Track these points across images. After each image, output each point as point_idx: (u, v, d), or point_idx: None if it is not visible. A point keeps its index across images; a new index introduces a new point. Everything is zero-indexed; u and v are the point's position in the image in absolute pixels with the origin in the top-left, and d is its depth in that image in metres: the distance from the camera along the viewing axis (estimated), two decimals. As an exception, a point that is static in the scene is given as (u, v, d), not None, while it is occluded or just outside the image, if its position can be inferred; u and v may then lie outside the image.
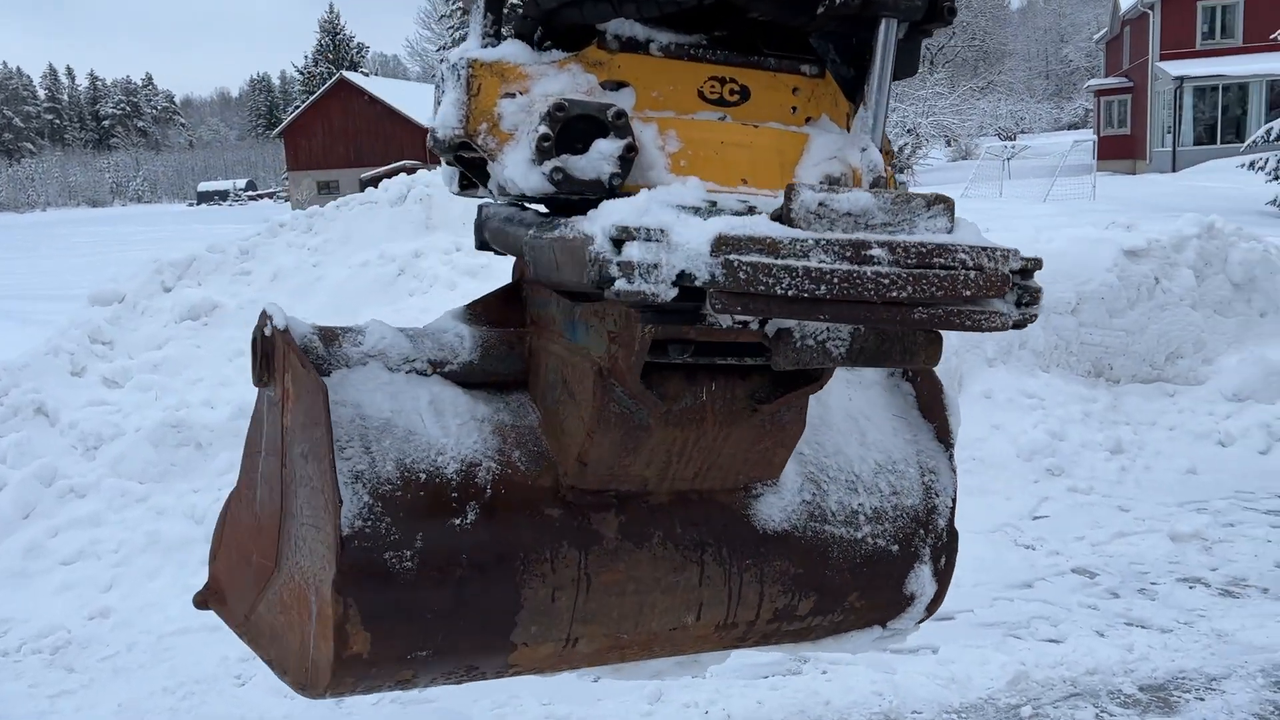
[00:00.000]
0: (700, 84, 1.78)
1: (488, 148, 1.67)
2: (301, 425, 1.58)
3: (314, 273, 7.82)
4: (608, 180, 1.61)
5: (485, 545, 1.63)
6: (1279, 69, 35.07)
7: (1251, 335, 7.54)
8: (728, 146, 1.77)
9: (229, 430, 6.23)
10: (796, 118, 1.85)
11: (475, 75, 1.67)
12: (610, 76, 1.73)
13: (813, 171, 1.83)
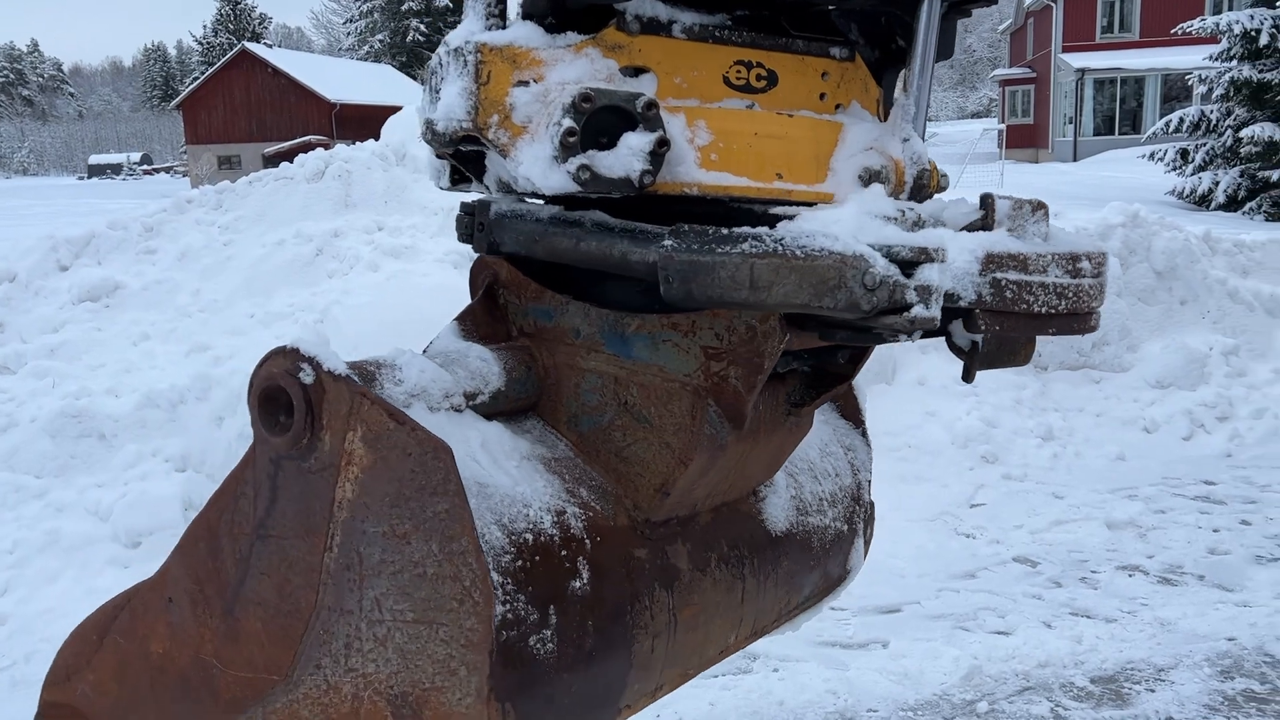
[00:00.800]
0: (726, 69, 1.60)
1: (499, 142, 1.46)
2: (390, 498, 1.28)
3: (225, 252, 7.40)
4: (638, 178, 1.42)
5: (603, 604, 1.42)
6: (1174, 63, 36.33)
7: (1173, 323, 7.68)
8: (761, 138, 1.59)
9: (135, 421, 5.83)
10: (826, 104, 1.69)
11: (485, 61, 1.45)
12: (630, 61, 1.54)
13: (849, 164, 1.66)
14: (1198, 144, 23.62)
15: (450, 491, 1.23)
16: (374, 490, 1.29)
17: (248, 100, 60.67)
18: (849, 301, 1.27)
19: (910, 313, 1.25)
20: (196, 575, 1.43)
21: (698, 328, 1.50)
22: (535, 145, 1.45)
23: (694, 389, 1.50)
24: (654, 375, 1.53)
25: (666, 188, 1.49)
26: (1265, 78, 21.49)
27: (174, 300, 6.99)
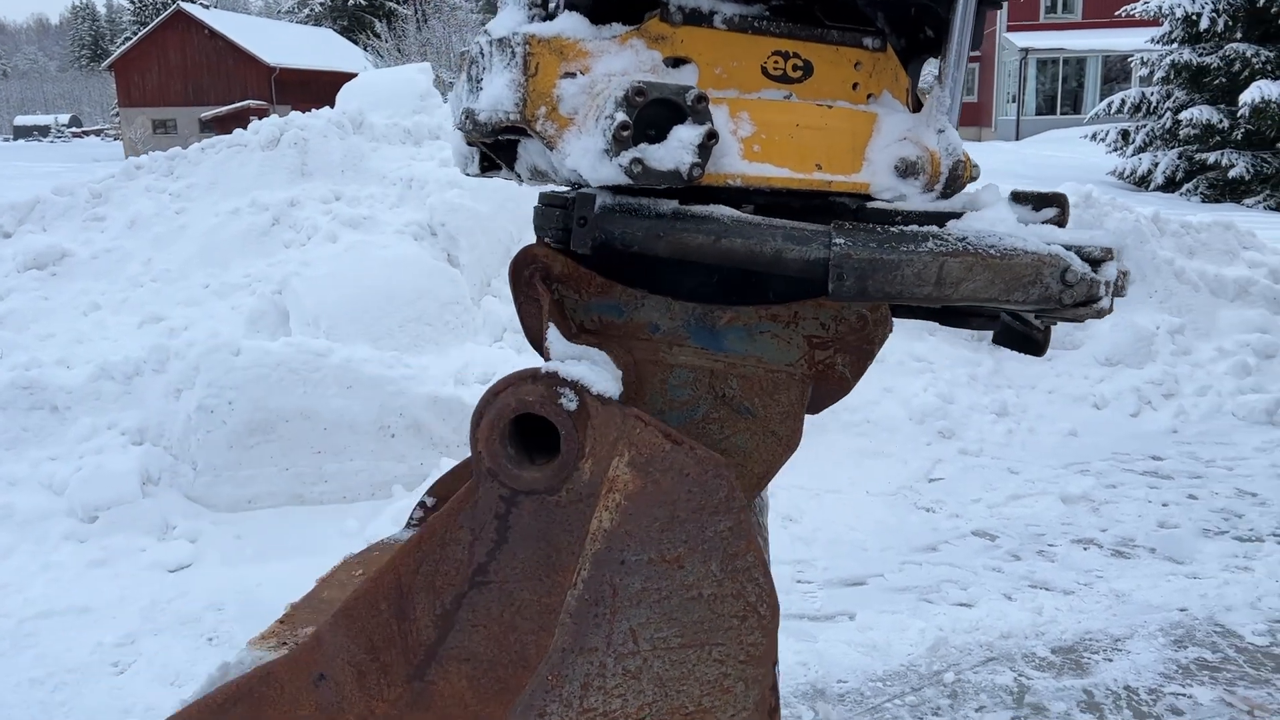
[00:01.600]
0: (764, 59, 1.62)
1: (546, 133, 1.46)
2: (660, 522, 1.23)
3: (177, 220, 7.22)
4: (688, 171, 1.43)
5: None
6: (1115, 45, 36.96)
7: (1121, 302, 7.84)
8: (802, 129, 1.61)
9: (89, 393, 5.69)
10: (858, 94, 1.71)
11: (533, 53, 1.45)
12: (673, 52, 1.55)
13: (884, 154, 1.68)
14: (1138, 125, 24.12)
15: (735, 509, 1.21)
16: (639, 516, 1.24)
17: (183, 62, 59.03)
18: (1043, 296, 1.43)
19: (1099, 304, 1.46)
20: (371, 642, 1.30)
21: (800, 318, 1.54)
22: (584, 137, 1.45)
23: (800, 378, 1.52)
24: (754, 366, 1.55)
25: (711, 179, 1.51)
26: (1204, 61, 21.97)
27: (125, 269, 6.82)
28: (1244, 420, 6.97)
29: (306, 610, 1.72)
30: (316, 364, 5.60)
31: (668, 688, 1.25)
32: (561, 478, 1.30)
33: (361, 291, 6.40)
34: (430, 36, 52.21)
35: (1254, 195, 21.11)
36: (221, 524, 5.28)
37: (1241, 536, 5.20)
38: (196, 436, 5.43)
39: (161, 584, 4.80)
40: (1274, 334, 7.67)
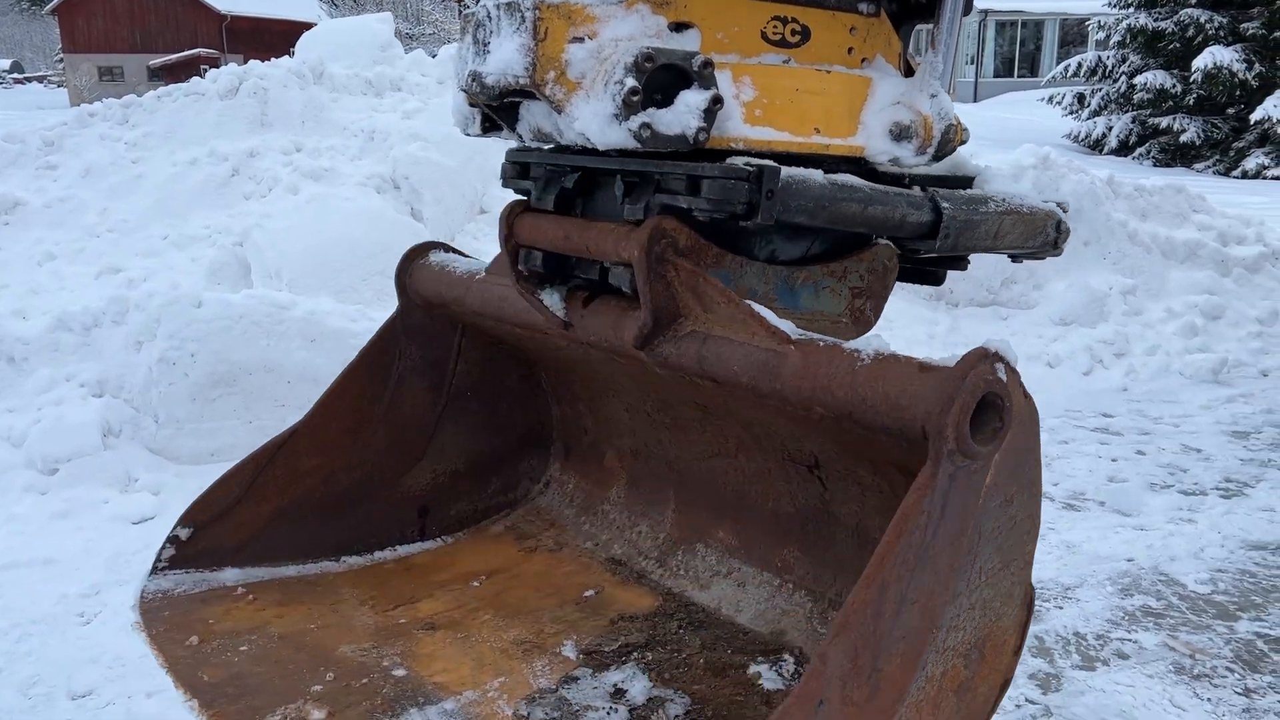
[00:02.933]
0: (764, 24, 1.66)
1: (555, 97, 1.50)
2: (1010, 468, 1.40)
3: (133, 170, 7.10)
4: (694, 135, 1.49)
5: None
6: (1072, 8, 37.16)
7: (1076, 263, 8.01)
8: (802, 94, 1.66)
9: (47, 344, 5.62)
10: (853, 59, 1.76)
11: (543, 19, 1.48)
12: (677, 17, 1.58)
13: (879, 118, 1.74)
14: (1094, 89, 24.35)
15: (1038, 443, 1.44)
16: (1003, 466, 1.39)
17: (130, 8, 57.31)
18: (1044, 243, 1.76)
19: (1060, 247, 1.83)
20: (854, 651, 1.32)
21: (848, 272, 1.73)
22: (593, 101, 1.49)
23: (846, 325, 1.68)
24: (819, 319, 1.70)
25: (715, 143, 1.55)
26: (1159, 26, 22.21)
27: (80, 219, 6.70)
28: (1191, 379, 7.17)
29: None
30: (279, 316, 5.57)
31: (987, 610, 1.41)
32: (995, 449, 1.43)
33: (324, 244, 6.35)
34: (386, -14, 51.18)
35: (1204, 160, 21.49)
36: (185, 476, 5.26)
37: (1186, 490, 5.38)
38: (158, 389, 5.39)
39: (125, 536, 4.78)
40: (1221, 295, 7.87)
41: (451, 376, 2.90)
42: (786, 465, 2.21)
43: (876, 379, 1.60)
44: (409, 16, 40.50)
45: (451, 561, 2.86)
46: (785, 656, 2.28)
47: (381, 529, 2.87)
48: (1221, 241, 8.31)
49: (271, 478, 2.62)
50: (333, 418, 2.75)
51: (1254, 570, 4.42)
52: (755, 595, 2.47)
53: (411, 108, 7.65)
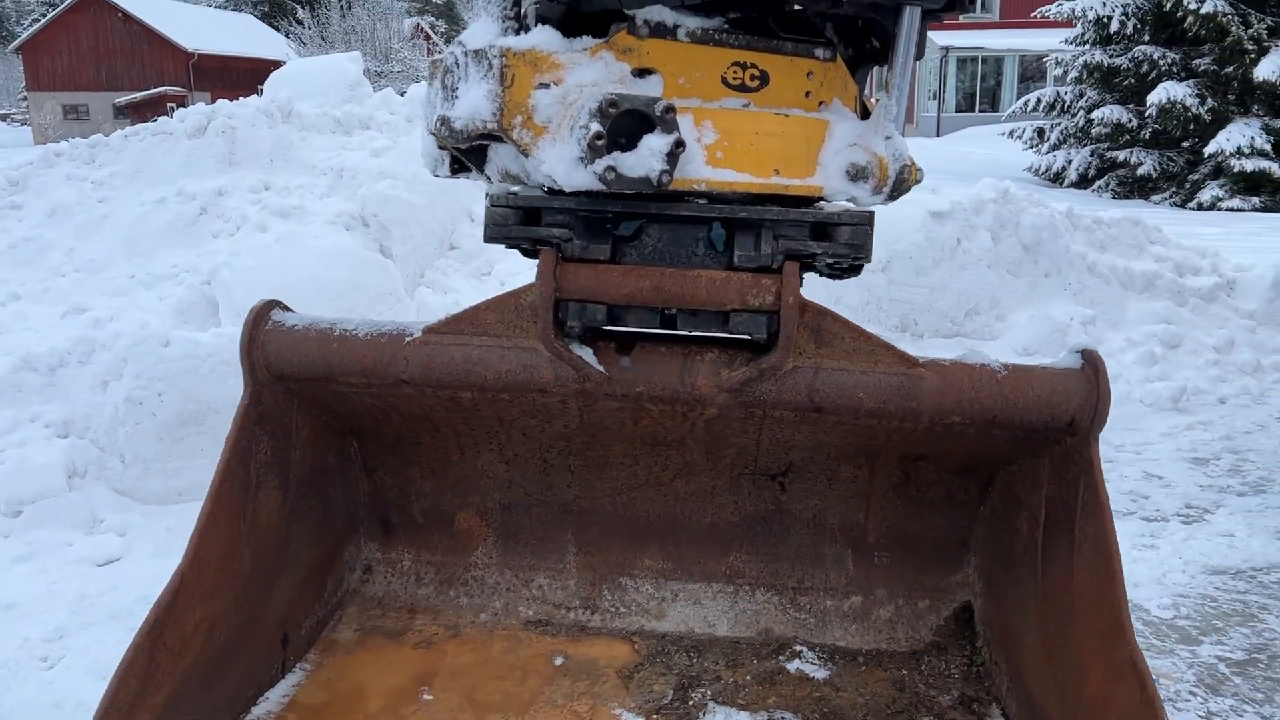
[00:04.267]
0: (724, 69, 1.73)
1: (522, 141, 1.56)
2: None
3: (100, 209, 7.07)
4: (657, 178, 1.54)
5: None
6: (1031, 45, 37.95)
7: (1038, 294, 8.15)
8: (761, 137, 1.72)
9: (10, 384, 5.56)
10: (810, 102, 1.83)
11: (509, 65, 1.54)
12: (640, 64, 1.64)
13: (836, 159, 1.81)
14: (1053, 124, 24.83)
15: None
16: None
17: (96, 46, 57.17)
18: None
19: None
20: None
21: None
22: (559, 145, 1.54)
23: None
24: None
25: (678, 184, 1.61)
26: (1115, 63, 22.71)
27: (45, 259, 6.66)
28: (1151, 407, 7.29)
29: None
30: (248, 355, 5.55)
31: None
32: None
33: (293, 282, 6.35)
34: (355, 24, 51.38)
35: (1161, 192, 21.92)
36: (152, 517, 5.21)
37: (1148, 517, 5.46)
38: (125, 429, 5.35)
39: (90, 578, 4.72)
40: (1178, 325, 8.03)
41: (293, 466, 2.56)
42: (741, 479, 2.35)
43: (1024, 385, 2.22)
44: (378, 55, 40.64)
45: (359, 687, 2.50)
46: (799, 648, 2.39)
47: (262, 673, 2.52)
48: (1178, 272, 8.49)
49: (164, 655, 2.27)
50: (209, 550, 2.44)
51: (1215, 595, 4.49)
52: (718, 606, 2.54)
53: (380, 145, 7.69)
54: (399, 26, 56.76)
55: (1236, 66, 20.78)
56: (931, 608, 2.77)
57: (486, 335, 2.10)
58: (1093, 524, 2.21)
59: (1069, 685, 2.20)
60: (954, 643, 2.74)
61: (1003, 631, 2.58)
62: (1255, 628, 4.13)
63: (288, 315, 2.44)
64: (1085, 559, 2.21)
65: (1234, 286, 8.53)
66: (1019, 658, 2.47)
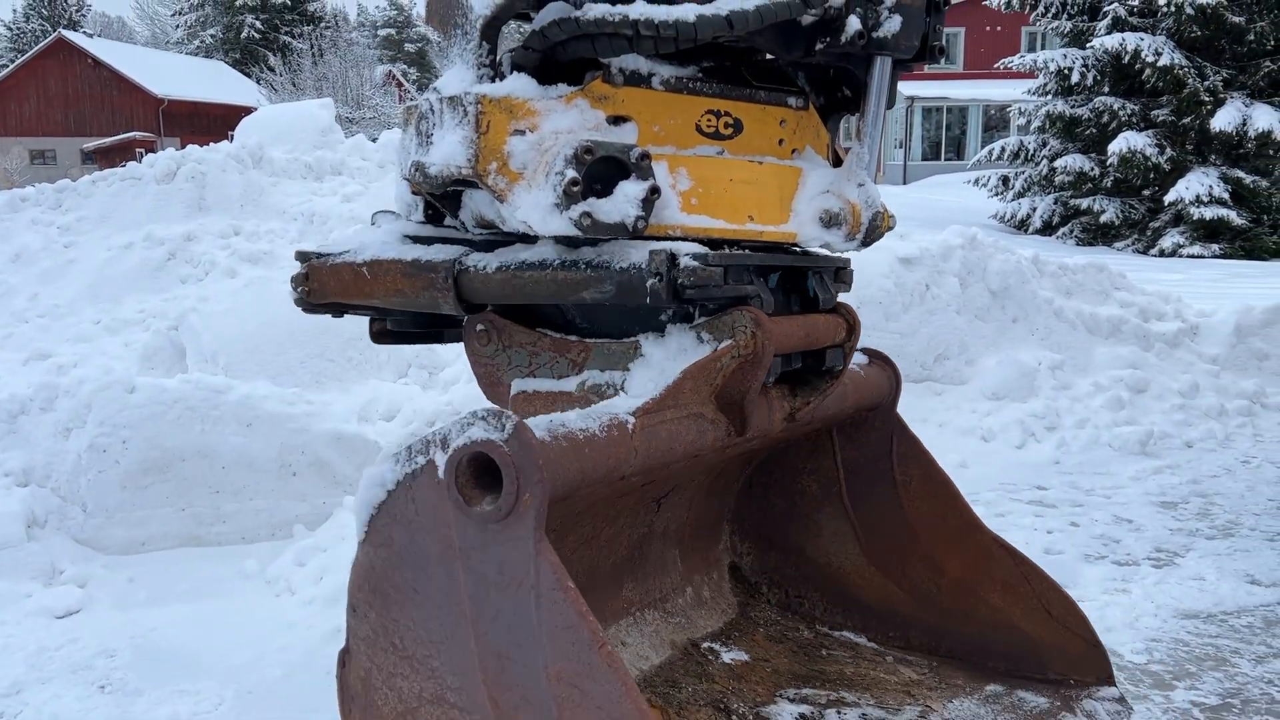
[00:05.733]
0: (698, 117, 1.74)
1: (497, 187, 1.56)
2: None
3: (65, 255, 7.00)
4: (633, 224, 1.55)
5: None
6: (994, 95, 38.73)
7: (1006, 339, 8.23)
8: (736, 184, 1.74)
9: (-23, 431, 5.45)
10: (784, 150, 1.85)
11: (485, 112, 1.55)
12: (615, 111, 1.65)
13: (810, 206, 1.83)
14: (1017, 172, 25.29)
15: None
16: None
17: (64, 92, 57.02)
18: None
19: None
20: None
21: None
22: (534, 191, 1.55)
23: None
24: None
25: (653, 230, 1.61)
26: (1076, 113, 23.22)
27: (9, 304, 6.57)
28: (1119, 451, 7.35)
29: None
30: (215, 401, 5.49)
31: None
32: None
33: (261, 327, 6.30)
34: (326, 71, 51.60)
35: (1124, 239, 22.33)
36: (113, 567, 5.11)
37: (1119, 561, 5.48)
38: (87, 477, 5.25)
39: (49, 630, 4.60)
40: (1144, 369, 8.13)
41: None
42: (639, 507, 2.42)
43: (862, 384, 2.58)
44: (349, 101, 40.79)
45: None
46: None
47: None
48: (1143, 318, 8.61)
49: None
50: None
51: (1187, 639, 4.49)
52: (688, 602, 2.64)
53: (352, 191, 7.69)
54: (370, 74, 57.07)
55: (1194, 117, 21.31)
56: (716, 579, 3.10)
57: (676, 408, 1.88)
58: (917, 466, 3.00)
59: (921, 581, 3.04)
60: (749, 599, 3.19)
61: (803, 567, 3.14)
62: (1228, 671, 4.13)
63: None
64: (916, 490, 3.00)
65: (1197, 331, 8.66)
66: (843, 579, 3.12)
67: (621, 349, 1.81)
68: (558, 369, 1.79)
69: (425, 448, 1.43)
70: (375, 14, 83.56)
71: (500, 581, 1.39)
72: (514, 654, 1.39)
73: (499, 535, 1.38)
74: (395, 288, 1.69)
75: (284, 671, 4.25)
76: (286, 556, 5.10)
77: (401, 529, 1.42)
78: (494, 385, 1.77)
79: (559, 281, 1.72)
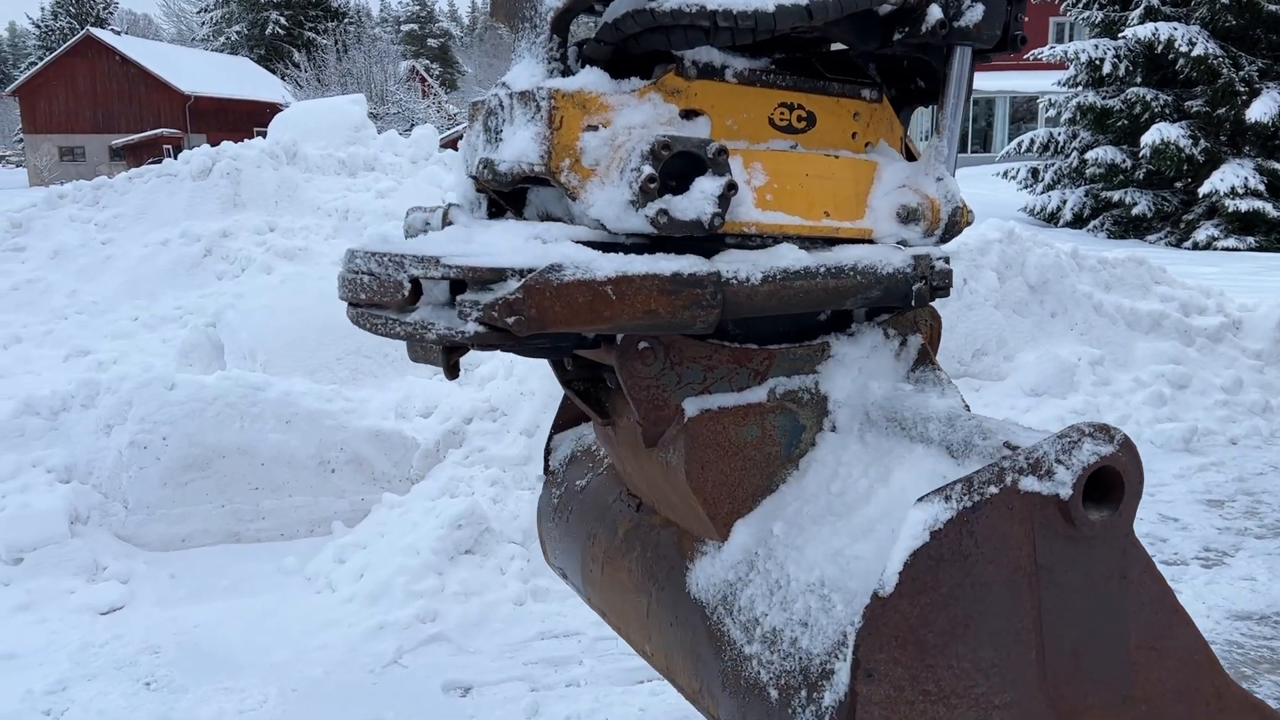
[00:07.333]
0: (770, 111, 1.69)
1: (570, 184, 1.51)
2: None
3: (103, 251, 7.03)
4: (709, 221, 1.49)
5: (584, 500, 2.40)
6: (1022, 86, 38.37)
7: (1044, 334, 8.13)
8: (811, 179, 1.68)
9: (12, 429, 5.49)
10: (857, 143, 1.79)
11: (558, 107, 1.50)
12: (688, 105, 1.61)
13: (885, 202, 1.77)
14: (1047, 164, 25.03)
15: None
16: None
17: (93, 89, 57.56)
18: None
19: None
20: None
21: None
22: (608, 188, 1.50)
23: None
24: None
25: (728, 227, 1.56)
26: (1108, 104, 22.94)
27: (48, 301, 6.60)
28: (1162, 448, 7.24)
29: None
30: (254, 398, 5.49)
31: None
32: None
33: (298, 324, 6.30)
34: (351, 67, 51.84)
35: (1155, 232, 22.05)
36: (155, 564, 5.12)
37: (1167, 560, 5.39)
38: (128, 473, 5.26)
39: (92, 627, 4.62)
40: (1186, 365, 8.00)
41: None
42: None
43: None
44: (373, 96, 40.94)
45: None
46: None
47: None
48: (1184, 312, 8.48)
49: None
50: None
51: (1241, 641, 4.41)
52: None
53: (385, 187, 7.68)
54: (394, 69, 57.26)
55: (1228, 108, 21.00)
56: None
57: None
58: None
59: None
60: None
61: None
62: (1287, 675, 4.05)
63: None
64: None
65: (1240, 326, 8.52)
66: None
67: (808, 352, 1.76)
68: (738, 380, 1.69)
69: (998, 476, 1.35)
70: (398, 9, 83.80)
71: (1086, 583, 1.42)
72: (1090, 644, 1.43)
73: (1095, 542, 1.41)
74: (647, 307, 1.49)
75: (325, 670, 4.24)
76: (326, 553, 5.10)
77: (950, 568, 1.34)
78: (658, 409, 1.65)
79: (829, 290, 1.67)
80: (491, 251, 1.45)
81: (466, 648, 4.38)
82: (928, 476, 1.54)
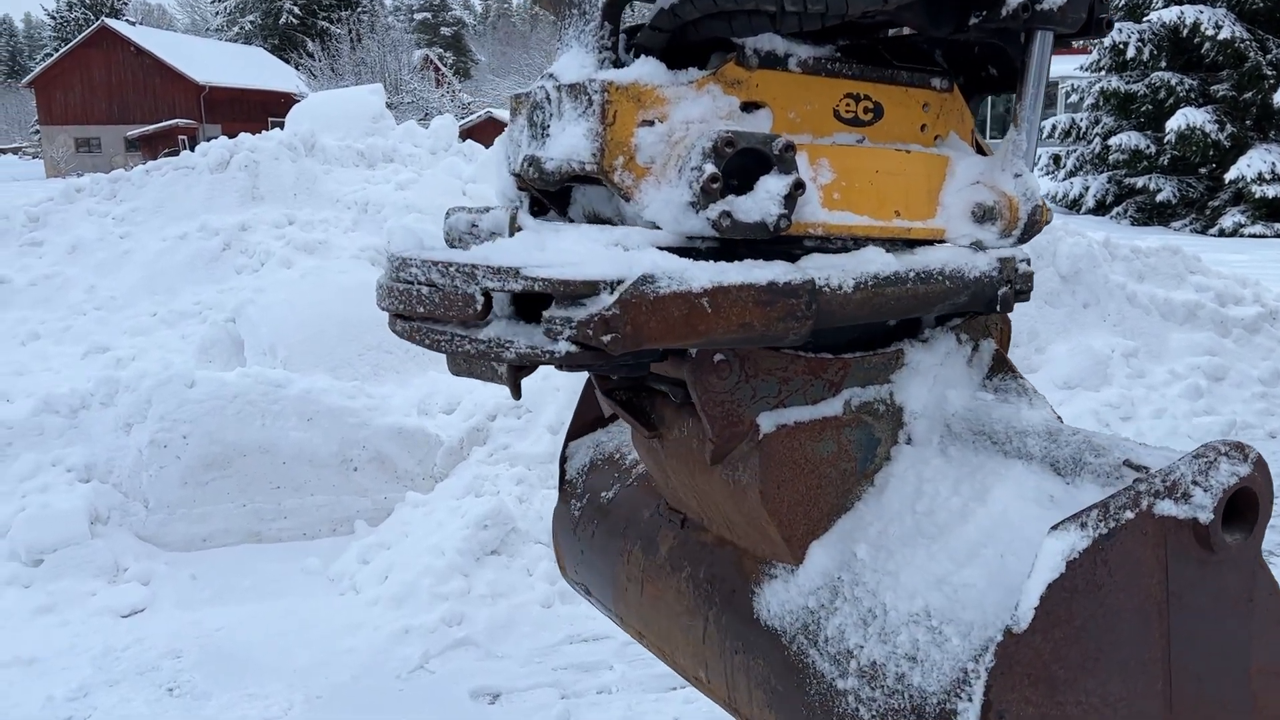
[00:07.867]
0: (836, 102, 1.54)
1: (624, 184, 1.38)
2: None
3: (121, 245, 6.95)
4: (775, 223, 1.36)
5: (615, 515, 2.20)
6: (1041, 72, 37.98)
7: (1076, 325, 7.96)
8: (881, 175, 1.55)
9: (31, 428, 5.41)
10: (926, 136, 1.65)
11: (611, 101, 1.36)
12: (749, 97, 1.47)
13: (959, 199, 1.63)
14: (1069, 150, 24.75)
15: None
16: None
17: (108, 80, 57.66)
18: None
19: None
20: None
21: None
22: (664, 188, 1.36)
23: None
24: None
25: (794, 229, 1.43)
26: (1131, 89, 22.64)
27: (66, 297, 6.52)
28: (1199, 442, 7.07)
29: None
30: (275, 395, 5.39)
31: None
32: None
33: (319, 318, 6.20)
34: (365, 56, 51.79)
35: (1180, 219, 21.78)
36: (176, 564, 5.04)
37: (1212, 560, 5.25)
38: (148, 473, 5.18)
39: (115, 630, 4.54)
40: (1222, 356, 7.82)
41: None
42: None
43: None
44: (388, 85, 40.90)
45: None
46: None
47: None
48: (1220, 302, 8.30)
49: None
50: None
51: (1295, 646, 4.27)
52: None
53: (405, 179, 7.56)
54: (409, 58, 57.14)
55: (1255, 92, 20.68)
56: None
57: None
58: None
59: None
60: None
61: None
62: (1347, 683, 3.90)
63: None
64: None
65: (1277, 317, 8.33)
66: None
67: (882, 360, 1.64)
68: (813, 392, 1.58)
69: (1134, 500, 1.25)
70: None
71: (1215, 608, 1.35)
72: (1213, 670, 1.36)
73: (1226, 565, 1.34)
74: (742, 320, 1.36)
75: (352, 675, 4.15)
76: (349, 554, 5.01)
77: (1084, 599, 1.25)
78: (732, 425, 1.53)
79: (918, 296, 1.56)
80: (574, 261, 1.30)
81: (494, 652, 4.28)
82: (1033, 496, 1.43)
